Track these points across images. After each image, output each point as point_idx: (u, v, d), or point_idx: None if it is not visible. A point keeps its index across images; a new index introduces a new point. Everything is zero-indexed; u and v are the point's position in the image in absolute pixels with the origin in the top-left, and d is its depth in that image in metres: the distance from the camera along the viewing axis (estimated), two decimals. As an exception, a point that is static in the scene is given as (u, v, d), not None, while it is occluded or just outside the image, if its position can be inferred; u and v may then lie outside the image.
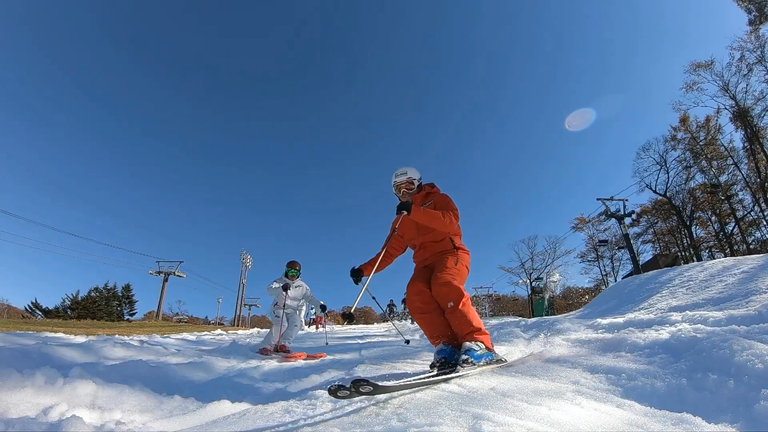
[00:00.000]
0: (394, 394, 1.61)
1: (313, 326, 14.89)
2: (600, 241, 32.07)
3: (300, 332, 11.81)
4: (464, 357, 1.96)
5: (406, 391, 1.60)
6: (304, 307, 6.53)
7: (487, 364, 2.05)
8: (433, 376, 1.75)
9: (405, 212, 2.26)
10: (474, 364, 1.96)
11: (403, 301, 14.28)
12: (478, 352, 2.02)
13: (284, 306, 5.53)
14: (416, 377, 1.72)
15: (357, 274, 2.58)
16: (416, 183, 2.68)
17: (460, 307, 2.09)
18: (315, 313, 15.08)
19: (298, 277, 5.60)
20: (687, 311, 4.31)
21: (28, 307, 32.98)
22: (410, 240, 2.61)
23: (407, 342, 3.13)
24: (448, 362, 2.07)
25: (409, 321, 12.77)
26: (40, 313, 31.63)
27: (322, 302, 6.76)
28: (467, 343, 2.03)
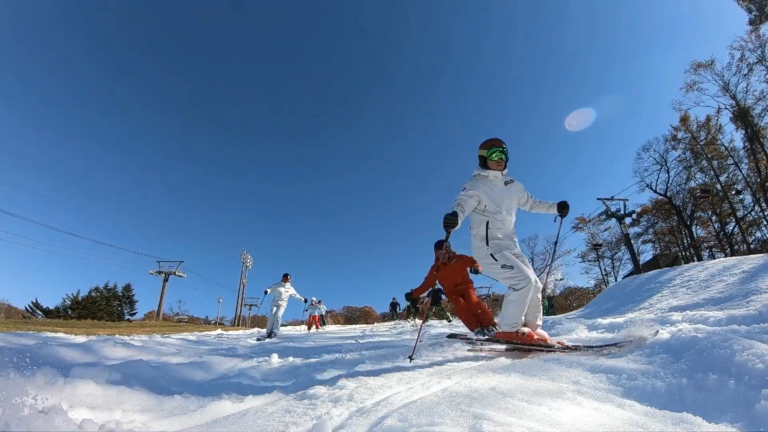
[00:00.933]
0: (395, 393, 1.62)
1: (313, 327, 14.79)
2: (594, 245, 32.17)
3: (299, 332, 11.81)
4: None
5: (417, 385, 1.60)
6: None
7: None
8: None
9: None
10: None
11: (408, 297, 14.42)
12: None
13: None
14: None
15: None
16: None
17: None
18: (307, 310, 14.96)
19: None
20: (687, 311, 4.31)
21: (28, 307, 32.99)
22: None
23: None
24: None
25: (417, 320, 12.77)
26: (41, 313, 31.64)
27: (305, 298, 10.11)
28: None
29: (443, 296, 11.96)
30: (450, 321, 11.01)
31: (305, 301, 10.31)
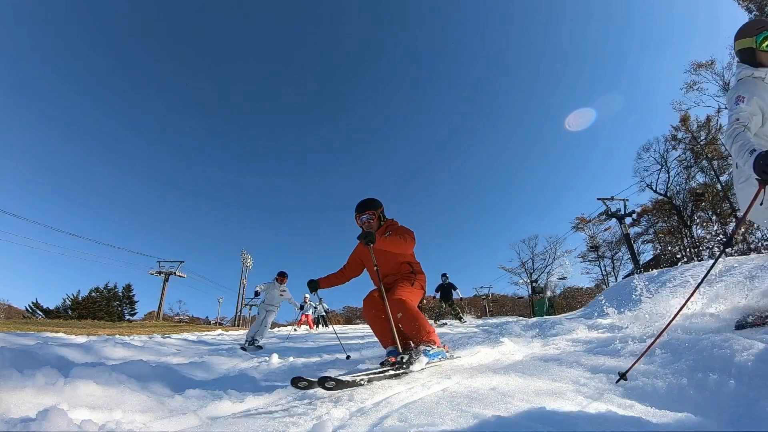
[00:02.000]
0: (395, 393, 1.61)
1: (304, 327, 14.63)
2: (591, 247, 32.36)
3: (298, 332, 11.79)
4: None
5: (417, 385, 1.60)
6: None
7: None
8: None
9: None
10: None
11: (313, 286, 13.45)
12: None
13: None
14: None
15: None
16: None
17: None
18: (302, 311, 14.45)
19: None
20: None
21: (28, 308, 33.00)
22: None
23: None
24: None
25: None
26: (41, 314, 31.65)
27: (300, 304, 8.75)
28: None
29: (455, 291, 10.84)
30: (463, 321, 10.33)
31: (300, 308, 9.68)
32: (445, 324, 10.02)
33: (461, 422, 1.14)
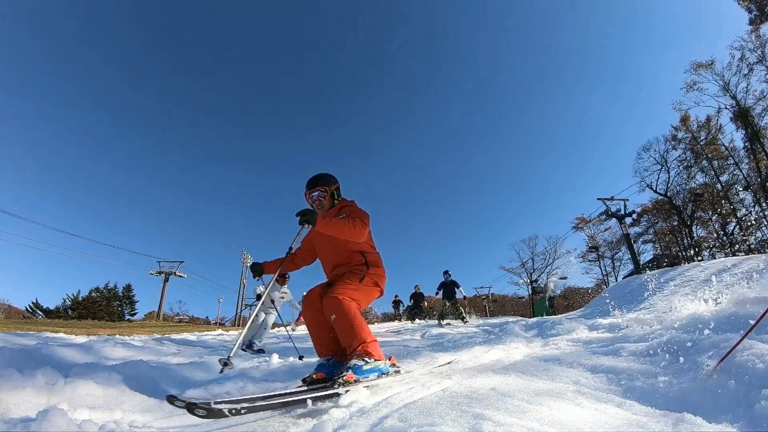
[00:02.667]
0: (395, 393, 1.61)
1: (303, 325, 14.60)
2: (591, 247, 32.41)
3: (297, 331, 11.75)
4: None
5: (417, 385, 1.59)
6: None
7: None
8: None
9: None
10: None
11: (411, 296, 13.49)
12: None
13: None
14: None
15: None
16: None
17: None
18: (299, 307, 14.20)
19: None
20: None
21: (28, 308, 33.00)
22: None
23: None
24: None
25: (419, 320, 12.09)
26: (41, 313, 31.65)
27: (299, 303, 8.19)
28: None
29: (458, 290, 10.40)
30: (466, 321, 10.18)
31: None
32: (449, 324, 9.95)
33: (461, 422, 1.14)
